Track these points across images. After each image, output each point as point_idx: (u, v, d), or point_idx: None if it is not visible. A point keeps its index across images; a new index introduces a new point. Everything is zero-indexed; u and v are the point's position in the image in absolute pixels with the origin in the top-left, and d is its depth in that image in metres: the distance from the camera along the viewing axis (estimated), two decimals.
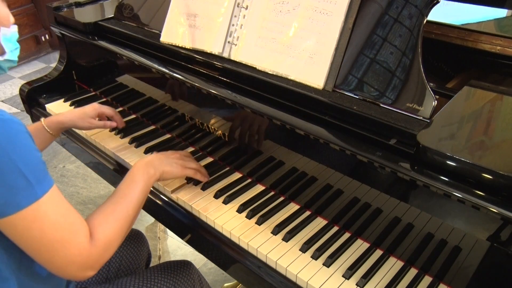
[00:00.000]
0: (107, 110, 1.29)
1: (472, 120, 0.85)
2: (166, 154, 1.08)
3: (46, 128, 1.16)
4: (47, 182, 0.75)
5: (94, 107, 1.26)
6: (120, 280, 1.07)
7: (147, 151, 1.30)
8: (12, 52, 0.88)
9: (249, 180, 1.17)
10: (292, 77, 1.03)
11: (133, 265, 1.24)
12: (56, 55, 3.85)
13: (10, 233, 0.74)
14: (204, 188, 1.15)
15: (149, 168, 0.99)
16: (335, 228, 1.03)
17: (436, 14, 0.96)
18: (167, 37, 1.26)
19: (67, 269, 0.78)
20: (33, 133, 1.08)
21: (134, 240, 1.27)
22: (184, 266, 1.16)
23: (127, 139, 1.37)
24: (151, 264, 1.38)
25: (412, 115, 0.88)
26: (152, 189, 1.19)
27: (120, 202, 0.90)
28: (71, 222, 0.78)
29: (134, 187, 0.93)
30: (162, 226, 2.20)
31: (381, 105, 0.92)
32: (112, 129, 1.42)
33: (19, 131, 0.73)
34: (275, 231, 1.02)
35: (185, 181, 1.17)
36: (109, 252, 0.84)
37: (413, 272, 0.92)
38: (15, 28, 0.87)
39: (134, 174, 0.96)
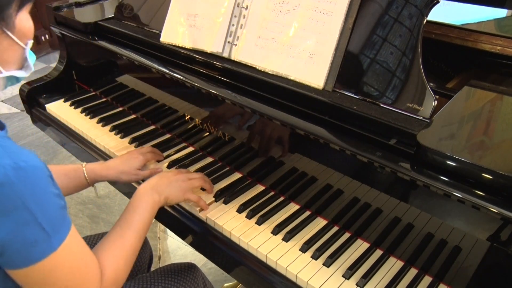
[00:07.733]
0: (151, 156, 1.22)
1: (472, 120, 0.85)
2: (170, 177, 1.02)
3: (86, 176, 1.10)
4: (64, 229, 0.71)
5: (139, 159, 1.17)
6: (124, 285, 1.07)
7: None
8: (33, 63, 0.82)
9: (249, 180, 1.17)
10: (292, 77, 1.03)
11: (135, 267, 1.23)
12: (56, 55, 3.85)
13: (20, 281, 0.71)
14: (204, 188, 1.15)
15: (154, 194, 0.96)
16: (335, 228, 1.03)
17: (436, 14, 0.96)
18: (167, 37, 1.26)
19: None
20: (70, 175, 1.08)
21: None
22: (189, 269, 1.15)
23: (127, 139, 1.37)
24: (152, 265, 1.38)
25: (412, 115, 0.88)
26: None
27: (126, 234, 0.88)
28: (85, 266, 0.76)
29: (139, 217, 0.91)
30: (162, 226, 2.20)
31: (381, 105, 0.92)
32: (113, 129, 1.42)
33: (40, 177, 0.67)
34: (275, 231, 1.02)
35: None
36: (118, 286, 0.83)
37: (413, 272, 0.92)
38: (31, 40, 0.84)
39: (139, 201, 0.94)
